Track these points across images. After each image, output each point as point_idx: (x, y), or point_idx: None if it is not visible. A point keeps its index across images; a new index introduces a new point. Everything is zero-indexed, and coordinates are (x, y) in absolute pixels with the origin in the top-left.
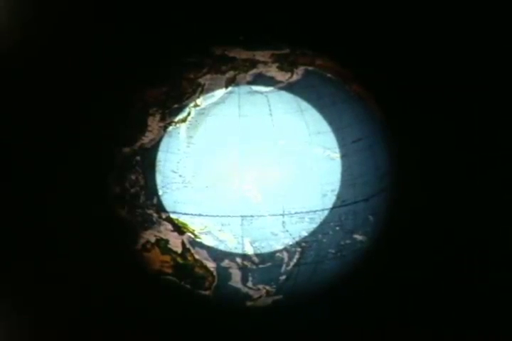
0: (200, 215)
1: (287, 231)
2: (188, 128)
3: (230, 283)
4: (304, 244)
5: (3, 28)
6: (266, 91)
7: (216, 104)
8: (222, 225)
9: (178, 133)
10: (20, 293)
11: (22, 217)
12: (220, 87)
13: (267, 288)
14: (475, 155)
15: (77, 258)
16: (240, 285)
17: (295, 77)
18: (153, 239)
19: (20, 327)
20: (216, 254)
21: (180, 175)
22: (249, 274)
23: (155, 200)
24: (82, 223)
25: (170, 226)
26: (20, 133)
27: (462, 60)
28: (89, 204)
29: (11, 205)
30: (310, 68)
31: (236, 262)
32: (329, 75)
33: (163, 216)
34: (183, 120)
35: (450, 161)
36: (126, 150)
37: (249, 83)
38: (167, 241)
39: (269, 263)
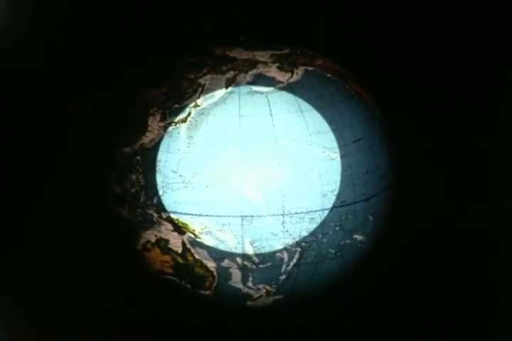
0: (200, 215)
1: (287, 231)
2: (188, 128)
3: (230, 282)
4: (303, 244)
5: (3, 28)
6: (266, 92)
7: (216, 104)
8: (223, 225)
9: (179, 133)
10: (20, 293)
11: (22, 216)
12: (220, 87)
13: (267, 287)
14: (475, 155)
15: (78, 257)
16: (240, 285)
17: (295, 77)
18: (153, 239)
19: (20, 327)
20: (216, 254)
21: (180, 175)
22: (250, 274)
23: (155, 200)
24: (82, 223)
25: (170, 226)
26: (20, 133)
27: (463, 60)
28: (90, 204)
29: (10, 205)
30: (310, 68)
31: (236, 262)
32: (329, 75)
33: (164, 216)
34: (184, 120)
35: (450, 161)
36: (127, 150)
37: (250, 83)
38: (167, 241)
39: (269, 263)
